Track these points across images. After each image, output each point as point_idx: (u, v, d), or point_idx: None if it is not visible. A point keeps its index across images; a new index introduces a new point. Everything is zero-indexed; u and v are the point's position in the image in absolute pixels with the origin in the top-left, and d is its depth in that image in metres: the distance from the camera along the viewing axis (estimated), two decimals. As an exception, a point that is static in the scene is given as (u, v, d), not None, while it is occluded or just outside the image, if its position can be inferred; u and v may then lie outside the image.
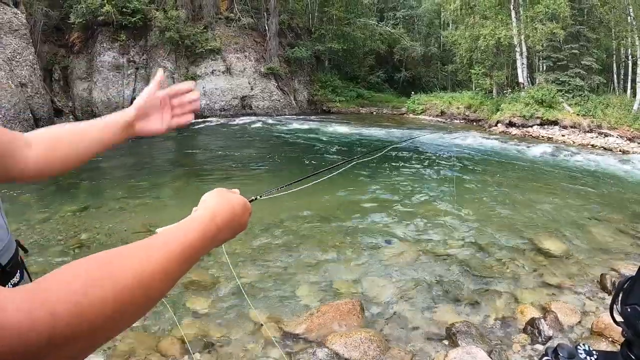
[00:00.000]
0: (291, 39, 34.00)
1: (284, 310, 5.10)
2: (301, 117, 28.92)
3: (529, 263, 6.64)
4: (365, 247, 6.97)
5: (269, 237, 7.22)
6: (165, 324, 4.77)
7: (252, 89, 29.45)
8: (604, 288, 5.88)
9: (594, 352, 1.23)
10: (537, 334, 4.62)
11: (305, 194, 9.72)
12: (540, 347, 4.49)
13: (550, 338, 4.59)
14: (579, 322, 5.04)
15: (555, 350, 1.24)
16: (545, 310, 5.12)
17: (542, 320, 4.77)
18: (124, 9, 25.04)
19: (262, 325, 4.74)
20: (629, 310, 1.14)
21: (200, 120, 25.34)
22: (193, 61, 27.85)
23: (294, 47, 32.75)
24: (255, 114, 28.32)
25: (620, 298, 1.20)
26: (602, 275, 6.16)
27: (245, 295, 5.19)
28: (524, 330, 4.74)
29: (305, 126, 24.00)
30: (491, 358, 4.10)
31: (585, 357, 1.22)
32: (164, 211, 8.90)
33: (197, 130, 22.17)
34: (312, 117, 28.86)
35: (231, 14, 30.41)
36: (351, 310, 4.84)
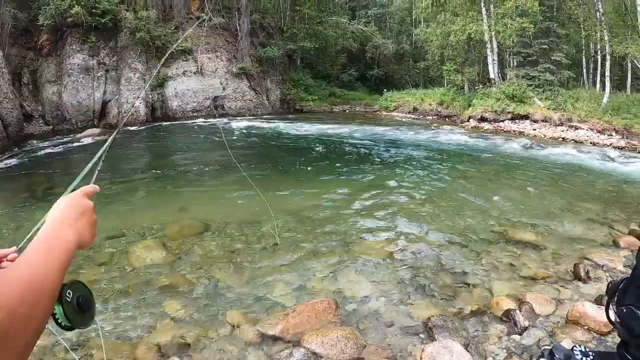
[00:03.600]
0: (263, 38, 33.77)
1: (260, 310, 5.04)
2: (274, 117, 28.75)
3: (503, 255, 6.68)
4: (339, 245, 6.93)
5: (242, 238, 7.15)
6: (141, 331, 4.67)
7: (224, 89, 29.14)
8: (577, 277, 5.95)
9: (590, 353, 1.23)
10: (513, 325, 4.63)
11: (275, 194, 9.65)
12: (516, 338, 4.51)
13: (526, 328, 4.61)
14: (554, 311, 5.07)
15: (551, 352, 1.24)
16: (520, 301, 5.14)
17: (518, 311, 4.80)
18: (93, 10, 24.47)
19: (238, 327, 4.68)
20: (624, 311, 1.14)
21: (175, 122, 25.14)
22: (164, 62, 27.54)
23: (265, 47, 32.49)
24: (227, 115, 28.05)
25: (615, 299, 1.20)
26: (575, 264, 6.23)
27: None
28: (500, 322, 4.76)
29: (274, 125, 23.93)
30: (468, 351, 4.09)
31: (582, 358, 1.21)
32: (136, 216, 8.76)
33: (167, 133, 21.98)
34: (285, 117, 28.73)
35: (202, 14, 30.05)
36: (326, 308, 4.81)
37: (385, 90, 39.31)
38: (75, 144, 18.56)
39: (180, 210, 8.93)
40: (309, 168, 13.46)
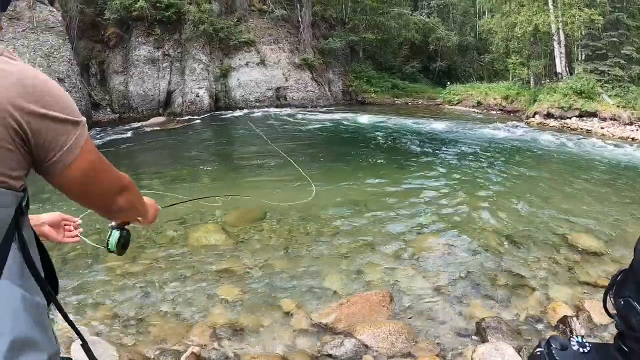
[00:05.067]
0: (325, 29, 33.84)
1: (314, 299, 5.14)
2: (335, 108, 28.97)
3: (564, 260, 6.48)
4: (398, 239, 6.95)
5: (301, 227, 7.26)
6: (197, 313, 4.86)
7: (286, 80, 29.51)
8: None
9: (587, 344, 1.24)
10: (568, 332, 4.50)
11: (338, 184, 9.72)
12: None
13: (582, 337, 4.46)
14: (612, 321, 4.88)
15: (548, 342, 1.25)
16: (578, 309, 5.00)
17: (575, 318, 4.67)
18: (157, 4, 25.30)
19: (291, 314, 4.79)
20: (622, 302, 1.15)
21: (233, 111, 25.62)
22: (227, 53, 28.05)
23: (327, 38, 32.54)
24: (290, 105, 28.41)
25: (613, 291, 1.20)
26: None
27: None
28: (555, 328, 4.63)
29: (336, 116, 24.05)
30: (520, 355, 4.03)
31: (578, 349, 1.22)
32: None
33: (231, 122, 22.43)
34: (347, 108, 28.86)
35: (264, 6, 30.45)
36: (381, 301, 4.85)
37: (448, 83, 38.52)
38: (140, 131, 19.32)
39: (241, 197, 9.14)
40: (369, 160, 13.49)
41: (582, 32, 27.73)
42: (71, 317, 1.27)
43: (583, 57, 31.19)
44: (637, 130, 24.37)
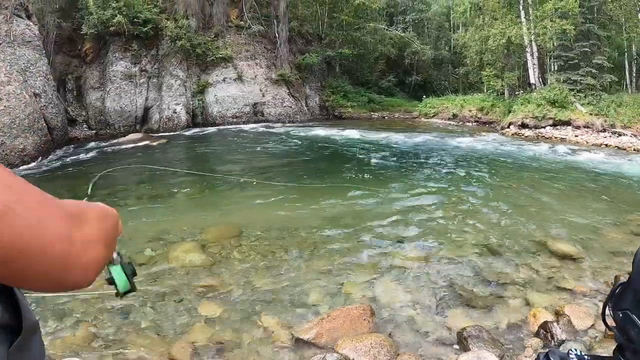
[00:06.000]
0: (301, 45, 34.17)
1: (295, 315, 5.10)
2: (312, 123, 29.07)
3: (542, 267, 6.56)
4: (376, 252, 6.94)
5: (280, 243, 7.22)
6: (177, 330, 4.78)
7: (263, 95, 29.57)
8: None
9: (586, 357, 1.23)
10: (549, 338, 4.55)
11: (317, 200, 9.70)
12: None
13: (563, 342, 4.53)
14: (593, 325, 4.95)
15: (546, 355, 1.25)
16: (558, 314, 5.04)
17: (555, 324, 4.72)
18: (135, 19, 25.29)
19: (272, 330, 4.73)
20: (620, 315, 1.15)
21: (215, 127, 25.59)
22: (204, 69, 28.06)
23: (304, 54, 32.84)
24: (267, 121, 28.48)
25: (612, 303, 1.21)
26: (616, 277, 6.01)
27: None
28: (537, 334, 4.68)
29: (312, 132, 23.99)
30: None
31: None
32: (175, 219, 8.93)
33: (208, 138, 22.33)
34: (324, 123, 28.99)
35: (241, 22, 30.60)
36: (361, 315, 4.83)
37: (424, 96, 39.07)
38: (115, 148, 19.10)
39: (219, 215, 9.08)
40: (347, 175, 13.48)
41: (554, 43, 28.37)
42: (50, 338, 1.15)
43: (556, 68, 31.87)
44: (610, 137, 24.98)
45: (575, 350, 1.25)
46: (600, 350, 4.43)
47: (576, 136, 25.74)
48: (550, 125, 27.15)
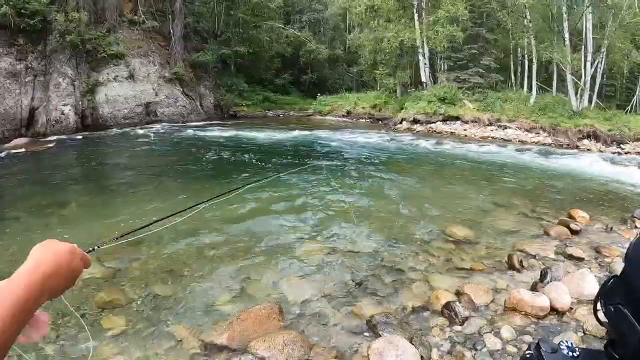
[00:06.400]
0: (197, 42, 33.31)
1: (204, 320, 4.89)
2: (207, 123, 28.38)
3: (440, 251, 6.88)
4: (278, 250, 6.81)
5: (180, 249, 6.93)
6: (81, 350, 4.44)
7: (156, 94, 28.21)
8: (512, 267, 6.26)
9: (577, 349, 1.23)
10: (453, 316, 4.76)
11: (214, 206, 9.37)
12: (458, 328, 4.64)
13: (466, 318, 4.76)
14: (492, 300, 5.28)
15: (537, 345, 1.23)
16: (459, 294, 5.31)
17: (457, 303, 4.95)
18: (22, 10, 22.94)
19: (182, 339, 4.54)
20: (612, 309, 1.14)
21: (103, 130, 24.18)
22: (95, 67, 26.22)
23: (199, 51, 32.03)
24: (160, 121, 27.21)
25: (604, 298, 1.20)
26: (509, 255, 6.54)
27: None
28: (441, 314, 4.87)
29: (206, 132, 23.37)
30: (413, 344, 4.16)
31: (568, 353, 1.21)
32: (66, 230, 8.35)
33: (100, 141, 21.14)
34: (219, 123, 28.38)
35: (135, 17, 29.17)
36: (270, 314, 4.76)
37: (319, 94, 39.69)
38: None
39: (114, 223, 8.59)
40: (244, 174, 13.23)
41: (444, 45, 29.80)
42: None
43: (446, 68, 33.75)
44: (496, 130, 26.99)
45: (567, 341, 1.26)
46: (501, 323, 4.73)
47: (465, 130, 27.44)
48: (441, 121, 28.71)
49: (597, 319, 1.23)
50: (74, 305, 5.11)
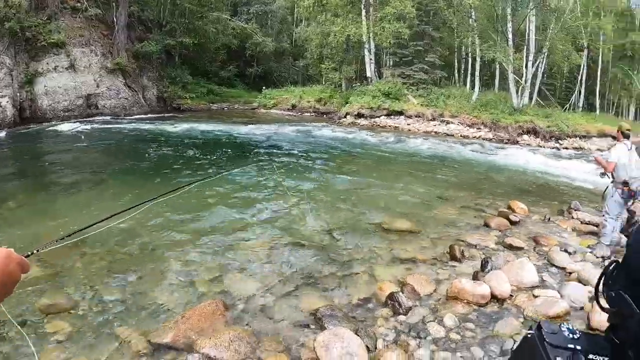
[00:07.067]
0: (141, 32, 32.08)
1: (149, 320, 4.74)
2: (149, 116, 27.53)
3: (383, 243, 6.98)
4: (222, 247, 6.69)
5: (123, 248, 6.67)
6: (25, 357, 4.21)
7: (98, 86, 26.91)
8: (453, 257, 6.44)
9: (577, 331, 1.24)
10: (397, 306, 4.84)
11: (158, 204, 9.02)
12: (402, 318, 4.71)
13: (410, 308, 4.85)
14: (435, 290, 5.42)
15: (538, 326, 1.25)
16: (402, 284, 5.41)
17: (400, 293, 5.04)
18: (-41, -5, 21.56)
19: (128, 340, 4.38)
20: (613, 295, 1.16)
21: (43, 123, 23.05)
22: (34, 56, 24.62)
23: (143, 41, 30.87)
24: (102, 114, 26.11)
25: (605, 283, 1.22)
26: (451, 246, 6.74)
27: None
28: (385, 305, 4.94)
29: (154, 127, 22.52)
30: (358, 335, 4.20)
31: (569, 334, 1.23)
32: (3, 231, 7.92)
33: (39, 136, 20.18)
34: (161, 117, 27.56)
35: (77, 4, 27.47)
36: (215, 311, 4.67)
37: (264, 87, 39.44)
38: None
39: (53, 223, 8.21)
40: (185, 170, 12.74)
41: (390, 41, 30.16)
42: None
43: (391, 63, 34.28)
44: (439, 125, 27.69)
45: (567, 324, 1.26)
46: (444, 311, 4.86)
47: (408, 125, 27.97)
48: (385, 115, 29.13)
49: (599, 304, 1.25)
50: (16, 311, 4.86)
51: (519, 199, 10.13)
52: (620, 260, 1.20)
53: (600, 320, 4.56)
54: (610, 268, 1.22)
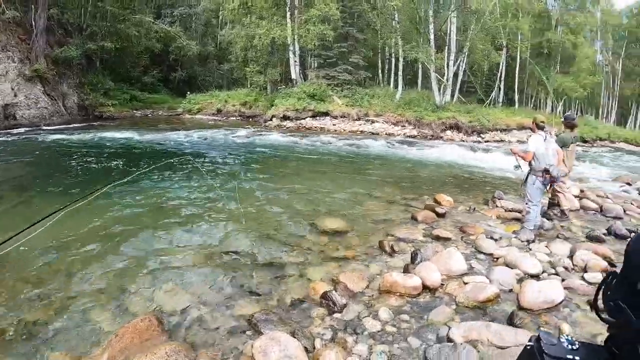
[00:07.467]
0: (60, 36, 30.27)
1: (81, 343, 4.42)
2: (69, 126, 25.88)
3: (314, 244, 6.99)
4: (152, 258, 6.35)
5: (49, 268, 6.22)
6: None
7: (15, 95, 24.93)
8: (383, 252, 6.60)
9: (576, 342, 1.27)
10: (332, 305, 4.86)
11: (77, 213, 8.52)
12: (338, 316, 4.74)
13: (345, 305, 4.88)
14: (368, 285, 5.49)
15: (537, 338, 1.27)
16: (335, 283, 5.45)
17: (334, 292, 5.06)
18: None
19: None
20: (612, 305, 1.18)
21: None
22: None
23: (63, 46, 29.18)
24: (20, 125, 24.18)
25: (604, 294, 1.24)
26: (380, 242, 6.91)
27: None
28: (320, 305, 4.95)
29: (74, 137, 20.90)
30: (295, 337, 4.17)
31: (567, 345, 1.25)
32: None
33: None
34: (82, 126, 26.02)
35: (-6, 5, 26.05)
36: (149, 326, 4.46)
37: (188, 92, 38.77)
38: None
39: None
40: (102, 182, 11.91)
41: (315, 43, 30.45)
42: None
43: (316, 65, 34.63)
44: (364, 124, 28.26)
45: (566, 335, 1.25)
46: (379, 305, 4.94)
47: (334, 125, 28.38)
48: (310, 117, 29.41)
49: (597, 314, 1.25)
50: None
51: (444, 191, 10.45)
52: (618, 271, 1.21)
53: (530, 300, 4.80)
54: (609, 278, 1.23)
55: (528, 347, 1.31)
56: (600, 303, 1.31)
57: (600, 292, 1.28)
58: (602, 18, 51.48)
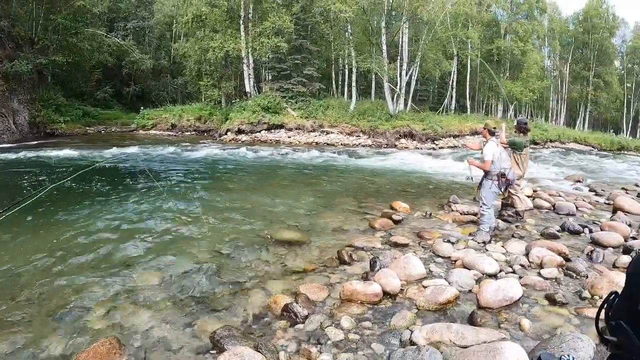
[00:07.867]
0: (10, 50, 28.91)
1: None
2: (19, 145, 24.15)
3: (273, 257, 6.94)
4: (108, 280, 6.02)
5: (2, 293, 5.89)
6: None
7: None
8: (342, 262, 6.62)
9: None
10: (294, 317, 4.83)
11: (25, 234, 8.15)
12: (300, 327, 4.70)
13: (307, 316, 4.86)
14: (328, 295, 5.49)
15: (539, 358, 1.26)
16: (296, 294, 5.41)
17: (295, 303, 5.03)
18: None
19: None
20: (614, 324, 1.16)
21: None
22: None
23: (13, 60, 27.96)
24: None
25: (606, 313, 1.22)
26: (338, 251, 6.91)
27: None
28: (282, 317, 4.91)
29: (23, 155, 19.58)
30: (259, 351, 4.09)
31: None
32: None
33: None
34: (32, 144, 24.38)
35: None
36: (110, 349, 4.26)
37: (142, 107, 38.02)
38: None
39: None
40: (56, 204, 11.18)
41: (269, 56, 30.56)
42: None
43: (270, 77, 34.66)
44: (319, 135, 28.41)
45: (568, 356, 1.25)
46: (340, 314, 4.92)
47: (289, 137, 28.45)
48: (265, 130, 29.43)
49: (599, 333, 1.26)
50: None
51: (400, 198, 10.60)
52: (619, 291, 1.22)
53: (489, 299, 4.93)
54: (611, 298, 1.24)
55: None
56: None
57: (602, 311, 1.31)
58: (550, 25, 53.53)
